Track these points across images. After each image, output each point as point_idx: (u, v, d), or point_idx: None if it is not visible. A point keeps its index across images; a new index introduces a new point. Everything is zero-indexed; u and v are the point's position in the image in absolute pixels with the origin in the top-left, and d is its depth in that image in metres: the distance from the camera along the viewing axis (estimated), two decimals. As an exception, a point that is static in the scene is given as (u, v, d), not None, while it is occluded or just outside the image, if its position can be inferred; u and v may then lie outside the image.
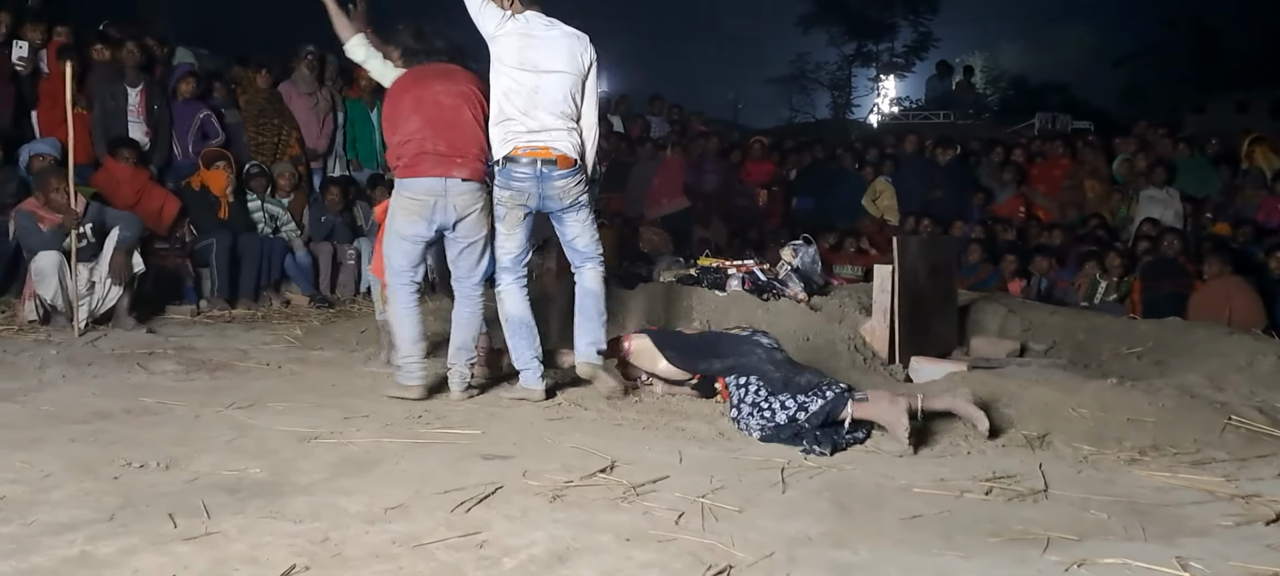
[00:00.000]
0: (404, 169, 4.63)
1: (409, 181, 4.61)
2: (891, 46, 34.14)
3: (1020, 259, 9.36)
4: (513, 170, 4.57)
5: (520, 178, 4.58)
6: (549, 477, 3.39)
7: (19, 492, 3.01)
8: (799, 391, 4.23)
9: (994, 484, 3.54)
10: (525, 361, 4.70)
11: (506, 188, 4.61)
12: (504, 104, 4.59)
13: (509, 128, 4.58)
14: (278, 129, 8.75)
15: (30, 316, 6.17)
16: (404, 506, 3.02)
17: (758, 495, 3.33)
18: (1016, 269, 9.29)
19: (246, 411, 4.29)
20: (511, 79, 4.57)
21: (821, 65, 34.97)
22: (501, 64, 4.58)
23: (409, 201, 4.62)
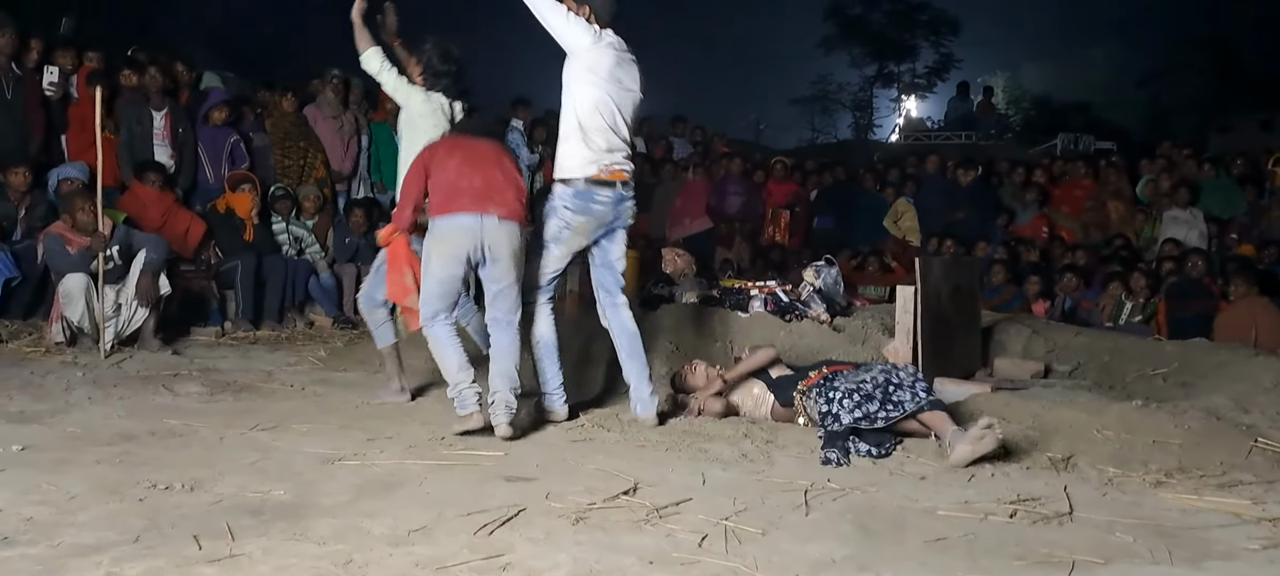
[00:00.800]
0: (438, 207, 4.40)
1: (442, 220, 4.38)
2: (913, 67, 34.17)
3: (1044, 280, 9.31)
4: (595, 193, 4.53)
5: (602, 201, 4.55)
6: (572, 500, 3.39)
7: (46, 514, 3.04)
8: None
9: (1018, 506, 3.52)
10: (553, 385, 4.69)
11: (585, 211, 4.54)
12: (591, 117, 4.49)
13: (591, 144, 4.50)
14: (304, 152, 8.83)
15: (57, 338, 6.23)
16: (427, 529, 3.03)
17: (781, 517, 3.32)
18: (1040, 290, 9.23)
19: (270, 433, 4.32)
20: (604, 93, 4.51)
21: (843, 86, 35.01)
22: (595, 75, 4.50)
23: (443, 241, 4.38)
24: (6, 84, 7.21)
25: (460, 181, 4.38)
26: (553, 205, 4.63)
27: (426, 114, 5.02)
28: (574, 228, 4.58)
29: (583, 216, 4.57)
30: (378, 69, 5.02)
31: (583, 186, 4.53)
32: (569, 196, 4.56)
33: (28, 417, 4.42)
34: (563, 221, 4.58)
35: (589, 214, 4.56)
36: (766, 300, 6.23)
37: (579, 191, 4.53)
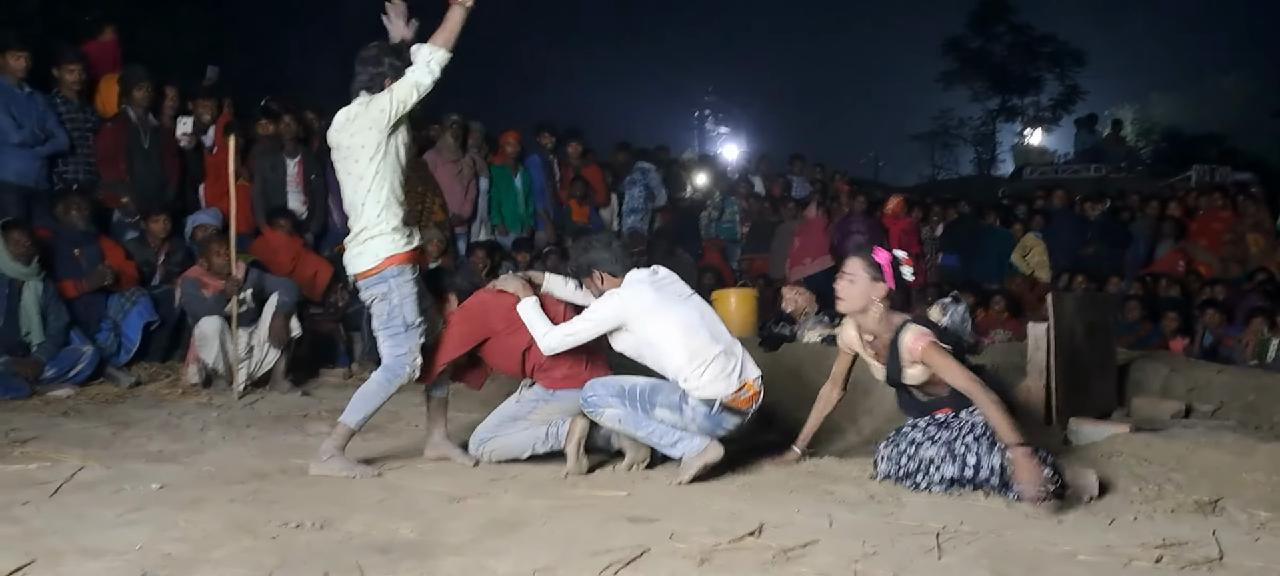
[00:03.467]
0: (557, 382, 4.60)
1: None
2: (1037, 100, 33.24)
3: (1182, 316, 8.89)
4: (724, 420, 4.37)
5: (727, 427, 4.41)
6: (696, 541, 3.33)
7: (183, 550, 3.12)
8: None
9: (1164, 551, 3.31)
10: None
11: (711, 431, 4.36)
12: (691, 339, 4.35)
13: (709, 360, 4.33)
14: (422, 196, 9.01)
15: (193, 380, 6.46)
16: (551, 569, 3.01)
17: (912, 561, 3.20)
18: (1178, 326, 8.82)
19: (397, 473, 4.38)
20: (675, 313, 4.44)
21: (965, 121, 34.28)
22: (654, 312, 4.40)
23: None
24: (144, 134, 7.55)
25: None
26: (678, 403, 4.37)
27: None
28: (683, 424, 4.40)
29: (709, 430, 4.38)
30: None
31: (717, 410, 4.36)
32: (703, 414, 4.35)
33: (165, 457, 4.57)
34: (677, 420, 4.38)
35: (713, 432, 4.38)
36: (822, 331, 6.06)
37: (712, 414, 4.35)
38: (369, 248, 4.35)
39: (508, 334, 4.61)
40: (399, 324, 4.37)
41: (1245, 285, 9.42)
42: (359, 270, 4.39)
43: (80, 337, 6.44)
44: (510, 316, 4.58)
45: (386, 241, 4.35)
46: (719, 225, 11.55)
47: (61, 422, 5.30)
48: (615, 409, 4.35)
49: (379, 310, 4.40)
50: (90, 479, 4.06)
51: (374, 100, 4.30)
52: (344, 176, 4.41)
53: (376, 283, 4.37)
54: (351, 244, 4.44)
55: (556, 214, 10.23)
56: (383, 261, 4.34)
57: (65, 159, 7.33)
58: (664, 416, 4.34)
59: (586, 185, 10.47)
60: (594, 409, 4.36)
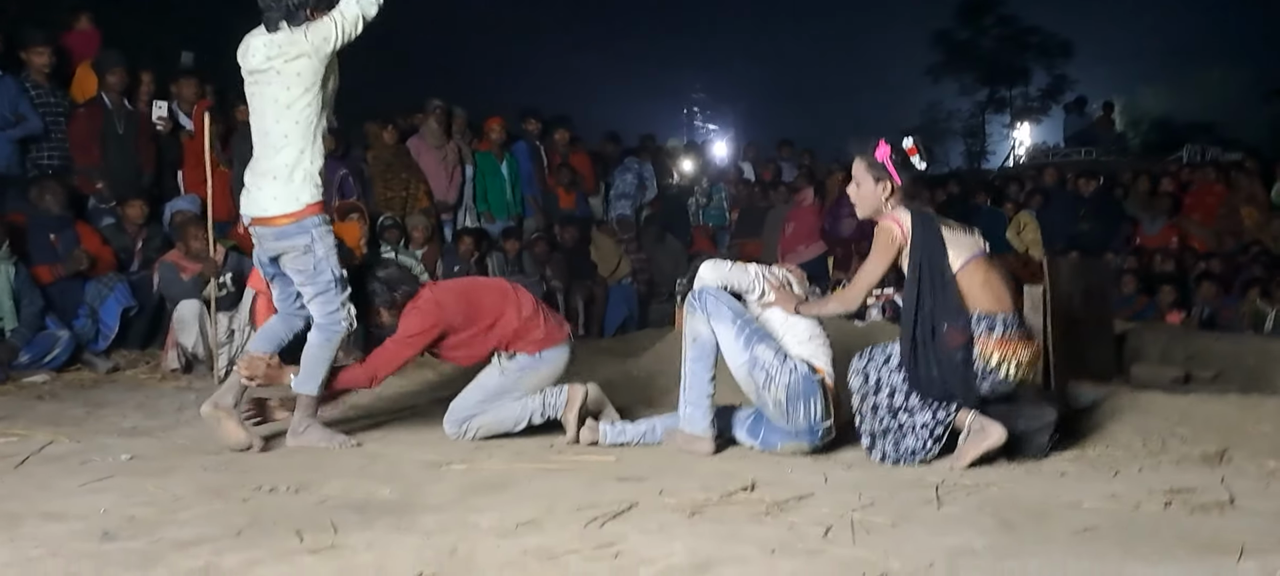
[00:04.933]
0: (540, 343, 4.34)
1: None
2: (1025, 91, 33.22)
3: (1177, 290, 8.80)
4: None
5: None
6: (687, 496, 3.20)
7: (149, 513, 2.98)
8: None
9: (1173, 497, 3.20)
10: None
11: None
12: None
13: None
14: (405, 183, 8.89)
15: (173, 365, 6.31)
16: (536, 522, 2.88)
17: (912, 511, 3.07)
18: (1174, 300, 8.73)
19: (379, 444, 4.24)
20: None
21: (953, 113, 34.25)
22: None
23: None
24: (119, 120, 7.40)
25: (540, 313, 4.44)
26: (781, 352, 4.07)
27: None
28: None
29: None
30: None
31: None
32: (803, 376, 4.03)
33: (139, 432, 4.43)
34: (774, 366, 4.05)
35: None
36: (885, 307, 5.96)
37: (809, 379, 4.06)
38: (290, 190, 3.91)
39: (466, 327, 4.29)
40: (328, 278, 4.00)
41: (1241, 258, 9.34)
42: (276, 213, 3.91)
43: (56, 323, 6.29)
44: (468, 310, 4.28)
45: (311, 186, 3.95)
46: (707, 211, 11.45)
47: (35, 405, 5.15)
48: (725, 326, 4.02)
49: (300, 264, 3.97)
50: (58, 453, 3.92)
51: (314, 27, 3.90)
52: (265, 104, 3.94)
53: (297, 232, 3.93)
54: (262, 181, 3.95)
55: (544, 201, 10.10)
56: (306, 208, 3.93)
57: (39, 144, 7.17)
58: (763, 356, 3.97)
59: (573, 172, 10.35)
60: (704, 310, 4.05)
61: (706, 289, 4.15)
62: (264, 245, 4.03)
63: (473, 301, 4.33)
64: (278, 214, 3.92)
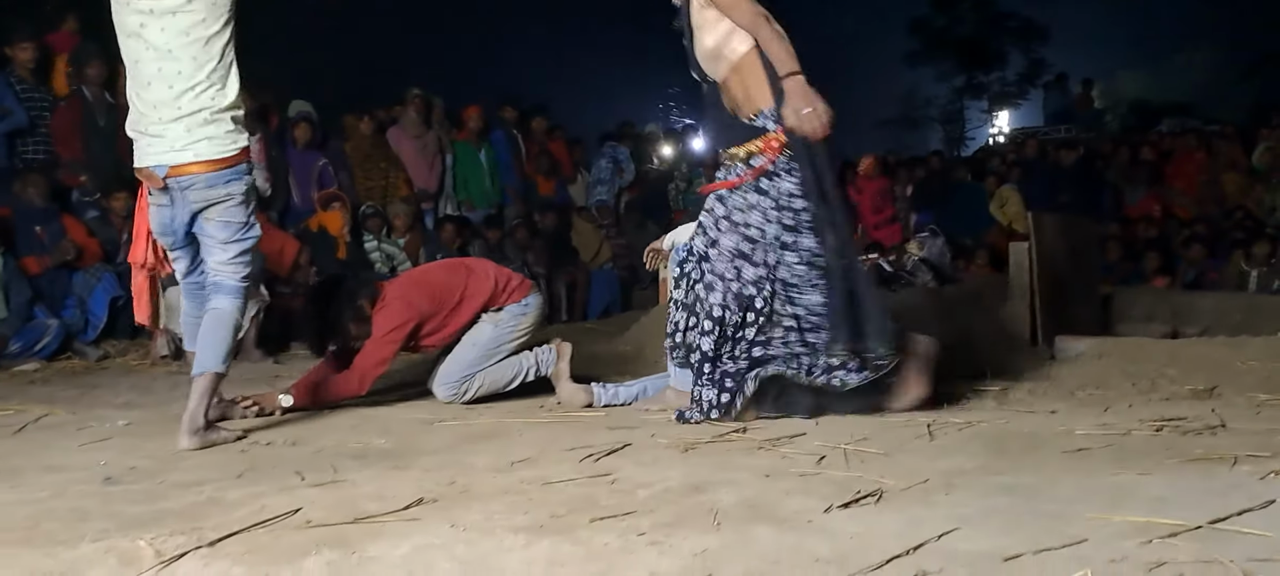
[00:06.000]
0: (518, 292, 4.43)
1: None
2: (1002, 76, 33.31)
3: (1161, 256, 8.88)
4: None
5: None
6: (679, 437, 3.23)
7: (149, 464, 3.00)
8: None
9: (1164, 425, 3.24)
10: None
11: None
12: None
13: None
14: (384, 172, 8.91)
15: (162, 352, 6.29)
16: (531, 460, 2.90)
17: (904, 443, 3.10)
18: (1159, 266, 8.80)
19: (371, 407, 4.25)
20: None
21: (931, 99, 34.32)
22: None
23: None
24: (100, 113, 7.38)
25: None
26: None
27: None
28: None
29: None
30: None
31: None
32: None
33: (134, 405, 4.43)
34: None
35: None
36: (869, 272, 5.99)
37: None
38: (226, 131, 3.47)
39: (437, 311, 4.26)
40: (255, 232, 3.63)
41: (1225, 224, 9.42)
42: (212, 157, 3.43)
43: (44, 313, 6.27)
44: (432, 293, 4.27)
45: (244, 130, 3.57)
46: (687, 196, 11.48)
47: (28, 388, 5.14)
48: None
49: (231, 216, 3.51)
50: (55, 422, 3.92)
51: None
52: (176, 42, 3.39)
53: (234, 178, 3.50)
54: (186, 126, 3.42)
55: (523, 189, 10.12)
56: (242, 151, 3.53)
57: (23, 137, 7.15)
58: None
59: (552, 159, 10.37)
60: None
61: (682, 246, 4.18)
62: (187, 199, 3.45)
63: (432, 284, 4.34)
64: (214, 158, 3.43)
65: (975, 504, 2.26)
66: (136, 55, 3.42)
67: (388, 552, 1.93)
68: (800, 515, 2.19)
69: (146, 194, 3.58)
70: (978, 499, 2.31)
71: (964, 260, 9.17)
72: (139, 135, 3.47)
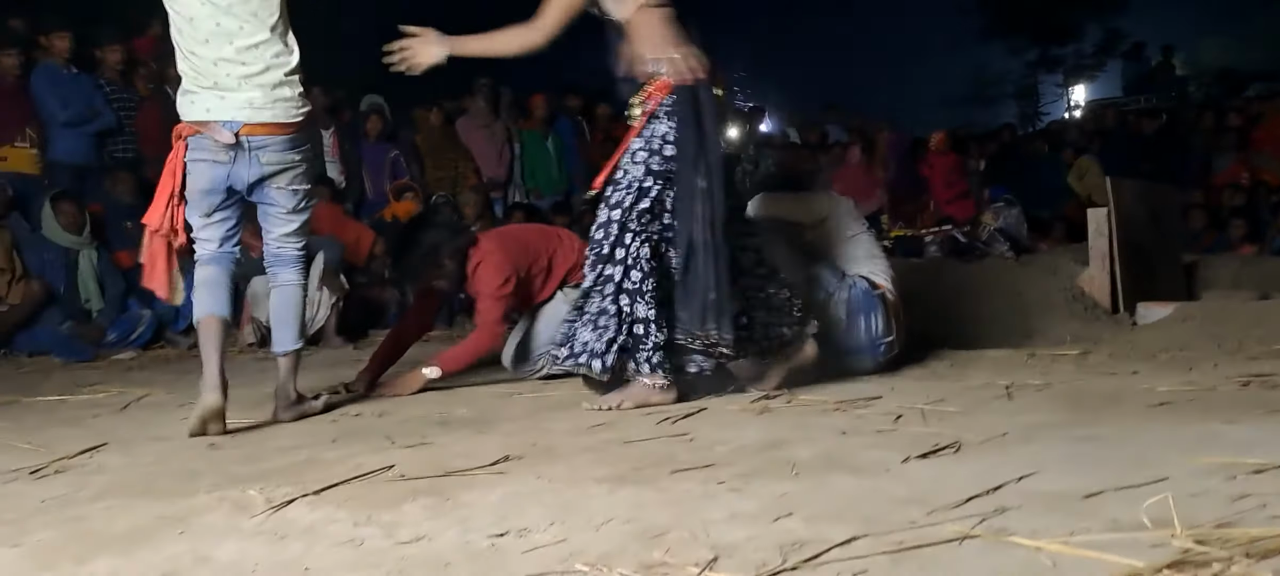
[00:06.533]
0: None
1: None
2: (1078, 48, 32.44)
3: (1249, 224, 8.64)
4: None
5: None
6: (755, 403, 3.27)
7: (249, 434, 3.15)
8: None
9: (1251, 380, 3.19)
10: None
11: None
12: None
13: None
14: (454, 163, 9.05)
15: (249, 340, 6.50)
16: (609, 425, 2.97)
17: (982, 403, 3.10)
18: (1245, 234, 8.57)
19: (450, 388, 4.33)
20: None
21: (1005, 75, 33.58)
22: None
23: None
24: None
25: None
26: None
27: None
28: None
29: None
30: None
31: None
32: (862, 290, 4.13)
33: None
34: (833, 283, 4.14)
35: None
36: (942, 243, 5.95)
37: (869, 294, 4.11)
38: (295, 92, 3.40)
39: (530, 267, 4.30)
40: (310, 203, 3.62)
41: (1319, 190, 9.15)
42: (287, 120, 3.37)
43: (138, 304, 6.52)
44: (523, 250, 4.29)
45: (306, 99, 3.48)
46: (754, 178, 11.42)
47: (126, 374, 5.36)
48: (780, 250, 3.94)
49: (298, 184, 3.47)
50: (156, 401, 4.10)
51: None
52: (240, 4, 3.31)
53: (304, 144, 3.47)
54: (265, 83, 3.34)
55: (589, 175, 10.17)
56: (307, 119, 3.47)
57: (113, 137, 7.42)
58: (820, 275, 4.01)
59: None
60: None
61: (758, 219, 4.20)
62: (258, 160, 3.34)
63: (521, 242, 4.41)
64: (288, 121, 3.37)
65: (1055, 451, 2.27)
66: (191, 12, 3.30)
67: (480, 499, 2.01)
68: (878, 465, 2.22)
69: (183, 154, 3.37)
70: (1057, 447, 2.32)
71: (1041, 234, 9.04)
72: (202, 90, 3.31)
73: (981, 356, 4.27)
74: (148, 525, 1.93)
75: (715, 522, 1.76)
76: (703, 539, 1.66)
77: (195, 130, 3.32)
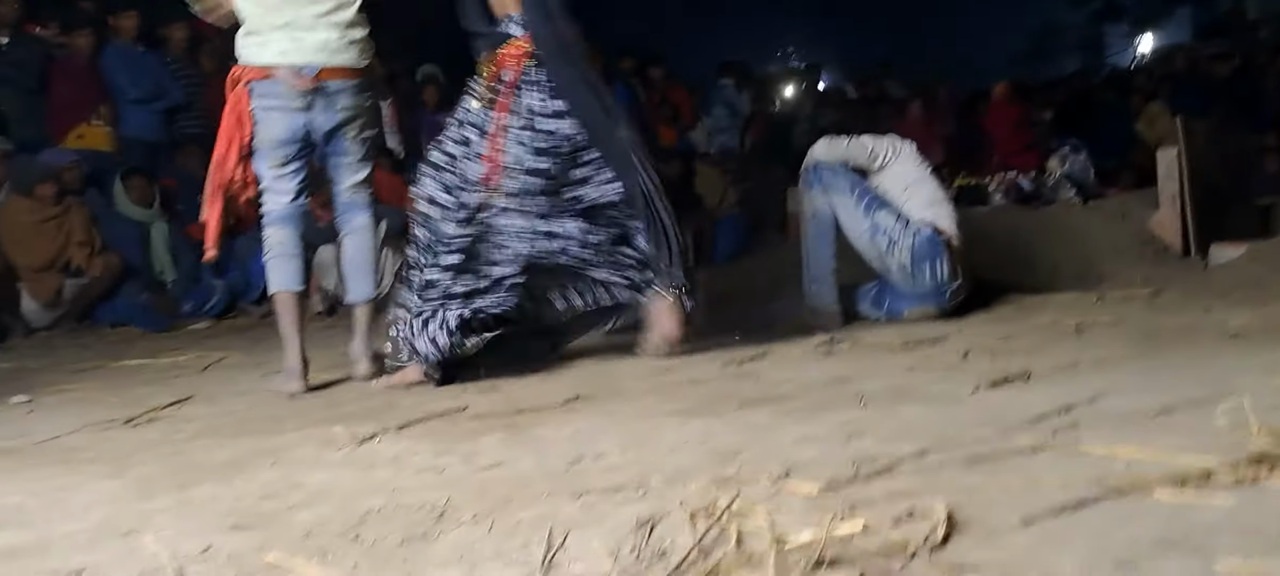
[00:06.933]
0: None
1: None
2: (1144, -6, 31.59)
3: (1329, 164, 8.39)
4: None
5: None
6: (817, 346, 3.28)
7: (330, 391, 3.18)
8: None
9: (1333, 316, 3.14)
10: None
11: None
12: None
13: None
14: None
15: (318, 308, 6.64)
16: (674, 368, 2.99)
17: (1051, 341, 3.07)
18: (1327, 176, 8.31)
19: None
20: None
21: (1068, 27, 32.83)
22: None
23: None
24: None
25: None
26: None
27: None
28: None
29: None
30: None
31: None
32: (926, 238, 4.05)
33: (304, 350, 4.71)
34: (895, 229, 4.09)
35: None
36: (1007, 191, 5.87)
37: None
38: (364, 35, 3.28)
39: None
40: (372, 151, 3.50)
41: None
42: (360, 65, 3.27)
43: (210, 275, 6.69)
44: None
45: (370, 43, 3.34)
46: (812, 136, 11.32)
47: (203, 341, 5.52)
48: (843, 197, 4.03)
49: (369, 132, 3.39)
50: (234, 363, 4.22)
51: None
52: None
53: (371, 88, 3.39)
54: (338, 25, 3.20)
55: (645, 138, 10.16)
56: (372, 65, 3.38)
57: (181, 113, 7.60)
58: (884, 222, 3.97)
59: (673, 108, 10.40)
60: (820, 185, 4.10)
61: (821, 164, 4.19)
62: (335, 105, 3.21)
63: None
64: (361, 66, 3.27)
65: (1127, 377, 2.26)
66: None
67: (553, 433, 2.06)
68: (947, 395, 2.23)
69: (248, 102, 3.15)
70: (1129, 374, 2.31)
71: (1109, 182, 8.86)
72: (272, 31, 3.11)
73: (1049, 299, 4.23)
74: (241, 457, 2.02)
75: (786, 444, 1.80)
76: (775, 457, 1.69)
77: (262, 74, 3.10)
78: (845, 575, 1.11)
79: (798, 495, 1.43)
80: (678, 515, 1.35)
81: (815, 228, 4.14)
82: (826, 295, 4.09)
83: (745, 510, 1.33)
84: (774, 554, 1.15)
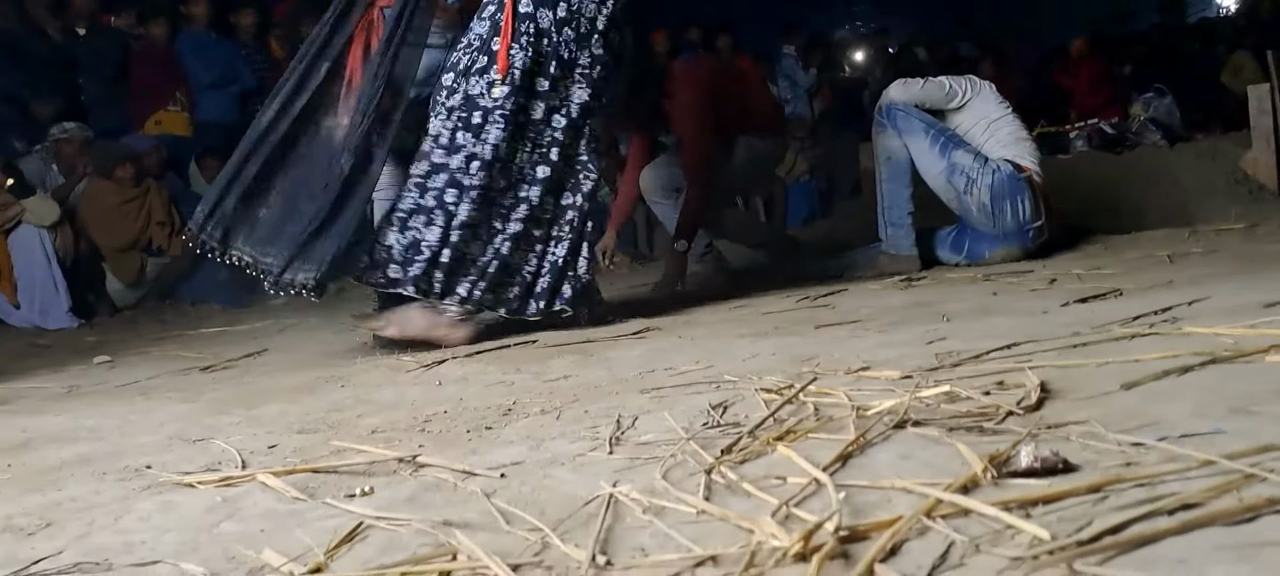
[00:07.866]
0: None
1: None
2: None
3: None
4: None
5: None
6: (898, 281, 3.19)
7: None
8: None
9: None
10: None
11: None
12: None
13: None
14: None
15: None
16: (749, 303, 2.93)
17: (1142, 269, 2.94)
18: None
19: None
20: None
21: (1149, -16, 31.91)
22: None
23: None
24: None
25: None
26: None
27: None
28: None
29: None
30: None
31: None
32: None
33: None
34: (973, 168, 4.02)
35: None
36: (1090, 137, 5.67)
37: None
38: None
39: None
40: None
41: None
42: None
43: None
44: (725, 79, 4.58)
45: None
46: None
47: (280, 313, 5.60)
48: (919, 138, 3.94)
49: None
50: (310, 324, 4.26)
51: None
52: None
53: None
54: None
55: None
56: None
57: (254, 98, 7.71)
58: (962, 161, 3.88)
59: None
60: (894, 126, 3.99)
61: (894, 105, 4.07)
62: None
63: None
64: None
65: (1224, 286, 2.14)
66: None
67: (624, 354, 2.02)
68: (1035, 309, 2.14)
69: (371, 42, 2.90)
70: (1226, 286, 2.19)
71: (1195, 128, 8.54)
72: None
73: (1139, 237, 4.07)
74: (311, 382, 2.01)
75: (865, 348, 1.73)
76: (854, 356, 1.62)
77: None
78: (932, 433, 1.04)
79: (878, 379, 1.36)
80: (753, 399, 1.29)
81: (890, 170, 4.02)
82: (904, 240, 3.97)
83: (823, 392, 1.27)
84: (854, 418, 1.09)
